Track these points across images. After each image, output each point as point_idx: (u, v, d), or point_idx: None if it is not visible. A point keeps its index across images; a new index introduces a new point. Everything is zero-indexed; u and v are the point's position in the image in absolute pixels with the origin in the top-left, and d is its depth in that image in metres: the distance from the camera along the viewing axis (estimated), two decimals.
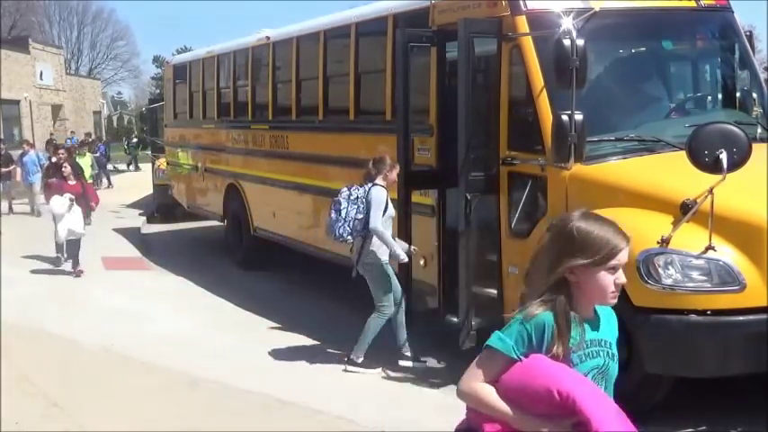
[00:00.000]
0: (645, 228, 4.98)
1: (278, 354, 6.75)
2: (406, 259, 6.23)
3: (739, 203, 4.91)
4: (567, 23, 5.40)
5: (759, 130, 6.31)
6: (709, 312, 4.74)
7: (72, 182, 10.50)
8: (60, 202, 9.99)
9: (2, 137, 23.39)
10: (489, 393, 2.39)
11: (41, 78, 36.70)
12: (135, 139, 35.99)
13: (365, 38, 8.03)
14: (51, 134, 34.04)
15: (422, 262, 6.71)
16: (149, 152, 31.21)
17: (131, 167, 33.80)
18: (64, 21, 59.02)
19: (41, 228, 12.34)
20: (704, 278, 4.78)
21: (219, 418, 5.47)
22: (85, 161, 16.60)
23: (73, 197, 10.09)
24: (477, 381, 2.45)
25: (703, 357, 4.80)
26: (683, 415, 5.17)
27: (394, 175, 6.35)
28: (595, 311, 2.33)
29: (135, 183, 22.85)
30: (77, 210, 10.10)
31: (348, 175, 8.04)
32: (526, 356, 2.24)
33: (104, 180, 24.60)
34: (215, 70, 11.73)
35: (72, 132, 34.14)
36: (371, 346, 6.27)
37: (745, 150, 4.75)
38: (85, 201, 10.49)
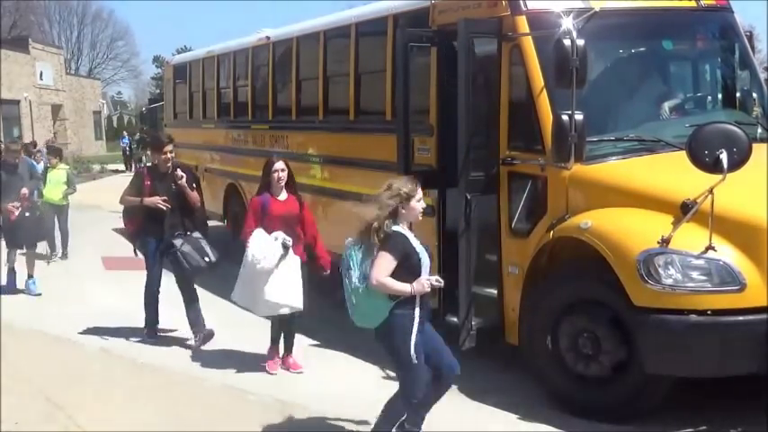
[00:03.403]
0: (645, 228, 4.99)
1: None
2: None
3: (739, 203, 4.91)
4: (567, 23, 5.40)
5: (759, 130, 6.31)
6: (709, 312, 4.74)
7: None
8: None
9: (1, 138, 23.38)
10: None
11: (41, 78, 36.75)
12: (138, 137, 32.81)
13: (365, 38, 8.02)
14: (54, 135, 33.57)
15: None
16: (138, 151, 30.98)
17: (130, 170, 30.63)
18: (64, 21, 59.22)
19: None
20: (704, 278, 4.78)
21: (219, 418, 5.47)
22: (57, 176, 11.58)
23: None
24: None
25: (703, 357, 4.80)
26: (683, 415, 5.18)
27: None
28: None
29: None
30: None
31: (348, 175, 8.06)
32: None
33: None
34: (215, 70, 11.73)
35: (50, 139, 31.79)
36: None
37: (745, 150, 4.75)
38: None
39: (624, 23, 6.21)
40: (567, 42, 5.24)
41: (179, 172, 7.08)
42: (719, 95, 6.90)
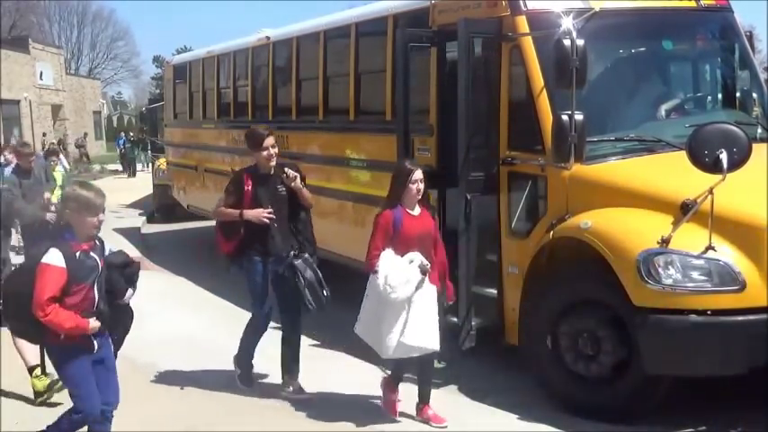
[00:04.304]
0: (645, 228, 4.99)
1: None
2: None
3: (739, 203, 4.91)
4: (567, 23, 5.40)
5: (759, 130, 6.32)
6: (709, 312, 4.74)
7: None
8: None
9: (1, 138, 23.35)
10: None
11: (41, 78, 36.74)
12: (132, 138, 32.12)
13: (365, 38, 8.02)
14: (64, 135, 33.06)
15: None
16: (139, 151, 30.82)
17: (126, 173, 30.37)
18: (64, 21, 59.24)
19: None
20: (704, 278, 4.79)
21: (219, 418, 5.47)
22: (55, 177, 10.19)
23: None
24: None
25: (703, 357, 4.80)
26: (683, 415, 5.18)
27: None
28: None
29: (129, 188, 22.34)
30: None
31: (348, 175, 8.06)
32: None
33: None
34: (215, 70, 11.73)
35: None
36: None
37: (745, 150, 4.75)
38: None
39: (624, 23, 6.21)
40: (566, 42, 5.24)
41: (289, 171, 5.66)
42: (719, 95, 6.90)
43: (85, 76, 51.58)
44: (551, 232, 5.52)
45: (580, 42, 5.23)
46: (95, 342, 4.23)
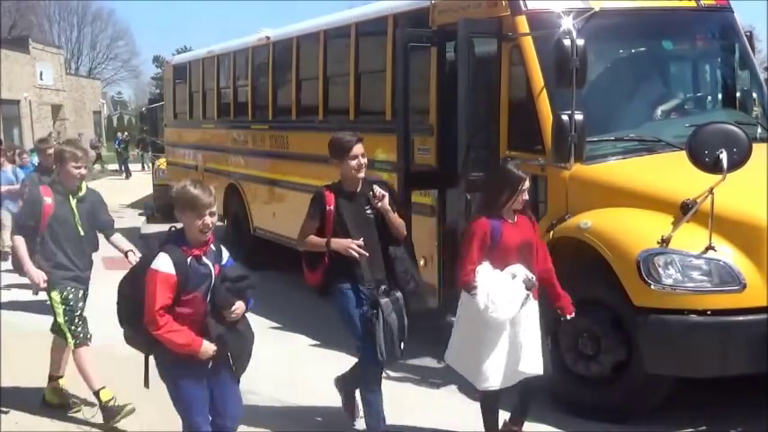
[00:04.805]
0: (645, 228, 4.99)
1: (278, 354, 6.74)
2: None
3: (739, 203, 4.91)
4: (567, 23, 5.41)
5: (759, 130, 6.32)
6: (709, 312, 4.74)
7: None
8: None
9: (1, 138, 23.33)
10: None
11: (41, 78, 36.72)
12: (127, 138, 32.21)
13: (365, 38, 8.02)
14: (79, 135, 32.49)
15: (422, 262, 6.70)
16: (140, 151, 30.62)
17: (123, 174, 30.20)
18: (64, 21, 59.21)
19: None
20: (704, 278, 4.79)
21: None
22: None
23: None
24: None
25: (703, 357, 4.80)
26: (683, 415, 5.18)
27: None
28: None
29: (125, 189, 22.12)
30: None
31: None
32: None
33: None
34: (215, 70, 11.73)
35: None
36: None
37: (745, 150, 4.75)
38: None
39: (624, 23, 6.21)
40: (566, 42, 5.24)
41: (377, 189, 4.71)
42: (719, 95, 6.90)
43: (85, 76, 51.58)
44: (551, 232, 5.52)
45: (580, 42, 5.23)
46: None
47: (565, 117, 5.28)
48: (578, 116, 5.25)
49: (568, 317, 4.67)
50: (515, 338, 4.39)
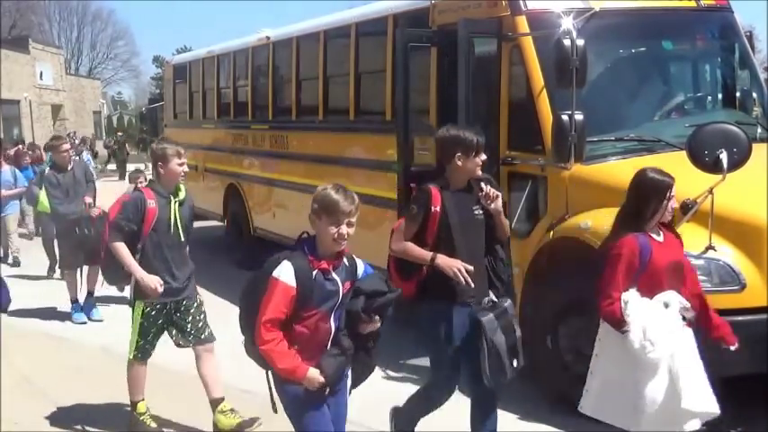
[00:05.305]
0: None
1: None
2: None
3: (739, 203, 4.92)
4: (567, 23, 5.41)
5: (759, 130, 6.32)
6: None
7: None
8: None
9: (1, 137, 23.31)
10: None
11: (41, 78, 36.76)
12: (122, 138, 31.40)
13: (365, 38, 8.02)
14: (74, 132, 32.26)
15: None
16: (140, 152, 30.33)
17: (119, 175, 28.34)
18: (64, 21, 59.18)
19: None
20: (704, 278, 4.77)
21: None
22: None
23: None
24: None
25: (703, 358, 4.78)
26: None
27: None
28: None
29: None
30: None
31: (348, 175, 8.05)
32: None
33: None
34: (215, 70, 11.74)
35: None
36: None
37: (745, 150, 4.75)
38: None
39: (624, 23, 6.21)
40: (566, 42, 5.24)
41: (489, 188, 4.21)
42: (719, 95, 6.90)
43: (85, 76, 51.59)
44: (551, 232, 5.52)
45: (580, 42, 5.24)
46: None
47: (565, 117, 5.29)
48: (578, 116, 5.25)
49: (731, 347, 4.02)
50: (682, 373, 3.76)
